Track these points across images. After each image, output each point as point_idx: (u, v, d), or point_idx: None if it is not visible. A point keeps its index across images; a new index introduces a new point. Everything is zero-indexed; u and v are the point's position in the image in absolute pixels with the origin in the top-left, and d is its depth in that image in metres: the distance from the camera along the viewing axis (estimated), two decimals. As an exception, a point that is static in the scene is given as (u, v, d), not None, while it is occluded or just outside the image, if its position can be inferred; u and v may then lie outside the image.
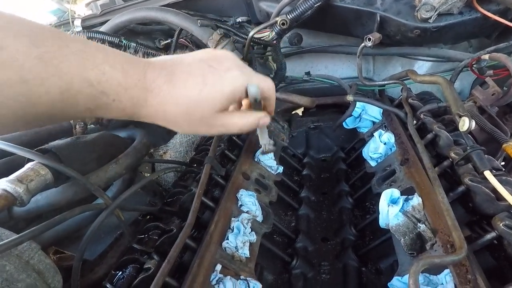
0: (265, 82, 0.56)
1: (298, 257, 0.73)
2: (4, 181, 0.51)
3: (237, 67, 0.53)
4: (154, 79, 0.46)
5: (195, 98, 0.49)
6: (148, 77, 0.46)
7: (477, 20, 0.88)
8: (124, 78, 0.43)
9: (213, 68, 0.50)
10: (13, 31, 0.36)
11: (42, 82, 0.37)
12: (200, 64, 0.50)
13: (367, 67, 1.32)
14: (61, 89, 0.38)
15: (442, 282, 0.50)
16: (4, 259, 0.46)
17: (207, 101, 0.50)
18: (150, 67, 0.47)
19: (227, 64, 0.52)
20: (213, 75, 0.50)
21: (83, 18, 1.31)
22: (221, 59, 0.52)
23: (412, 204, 0.61)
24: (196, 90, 0.48)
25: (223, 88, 0.50)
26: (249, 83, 0.54)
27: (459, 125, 0.59)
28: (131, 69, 0.44)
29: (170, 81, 0.47)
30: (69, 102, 0.40)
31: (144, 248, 0.59)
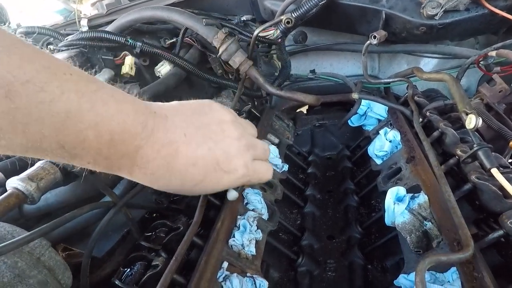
0: (259, 175, 0.56)
1: (303, 254, 0.73)
2: (15, 179, 0.52)
3: (244, 166, 0.51)
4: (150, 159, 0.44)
5: (189, 189, 0.50)
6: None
7: (484, 17, 0.87)
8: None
9: (218, 167, 0.49)
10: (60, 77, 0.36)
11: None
12: (204, 161, 0.48)
13: (372, 64, 1.31)
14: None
15: (449, 279, 0.50)
16: (16, 256, 0.47)
17: (200, 191, 0.54)
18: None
19: (234, 164, 0.50)
20: (215, 172, 0.49)
21: (89, 18, 1.32)
22: (229, 159, 0.50)
23: (418, 202, 0.61)
24: (196, 179, 0.48)
25: (220, 186, 0.52)
26: (229, 190, 0.56)
27: (466, 123, 0.59)
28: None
29: (169, 166, 0.45)
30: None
31: (151, 245, 0.60)
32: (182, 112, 0.49)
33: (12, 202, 0.51)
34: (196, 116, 0.49)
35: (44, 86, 0.34)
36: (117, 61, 1.10)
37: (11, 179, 0.53)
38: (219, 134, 0.49)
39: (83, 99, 0.36)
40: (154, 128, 0.43)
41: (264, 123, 0.97)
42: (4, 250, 0.44)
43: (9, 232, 0.51)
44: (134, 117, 0.41)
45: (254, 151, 0.54)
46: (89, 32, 1.06)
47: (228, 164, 0.49)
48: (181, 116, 0.48)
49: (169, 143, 0.45)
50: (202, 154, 0.47)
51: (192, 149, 0.46)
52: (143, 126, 0.42)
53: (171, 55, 1.06)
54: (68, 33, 1.19)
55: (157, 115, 0.45)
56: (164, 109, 0.47)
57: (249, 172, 0.52)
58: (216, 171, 0.49)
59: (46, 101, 0.34)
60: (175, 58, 1.06)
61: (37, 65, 0.34)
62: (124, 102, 0.41)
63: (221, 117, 0.52)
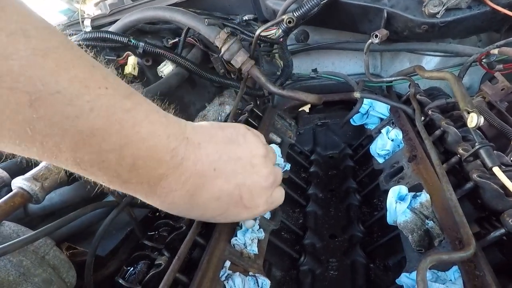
0: (275, 203, 0.55)
1: (306, 253, 0.73)
2: (20, 179, 0.53)
3: (265, 203, 0.51)
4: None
5: (206, 219, 0.51)
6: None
7: (486, 14, 0.87)
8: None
9: (241, 203, 0.48)
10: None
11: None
12: (229, 196, 0.46)
13: (374, 63, 1.31)
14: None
15: (451, 278, 0.50)
16: (21, 255, 0.48)
17: (217, 221, 0.53)
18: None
19: (257, 202, 0.50)
20: (236, 207, 0.48)
21: (93, 18, 1.33)
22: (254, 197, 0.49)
23: (420, 200, 0.61)
24: (216, 212, 0.48)
25: (239, 219, 0.53)
26: (246, 220, 0.56)
27: (467, 121, 0.59)
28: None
29: (192, 198, 0.44)
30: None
31: (154, 244, 0.61)
32: (216, 139, 0.46)
33: (18, 201, 0.51)
34: (229, 147, 0.46)
35: (74, 99, 0.31)
36: (120, 61, 1.10)
37: (17, 178, 0.54)
38: (249, 169, 0.48)
39: (112, 118, 0.33)
40: (184, 157, 0.40)
41: (266, 122, 0.97)
42: (10, 249, 0.45)
43: (14, 231, 0.52)
44: (166, 142, 0.38)
45: (275, 184, 0.53)
46: (92, 33, 1.06)
47: (251, 201, 0.49)
48: (214, 145, 0.45)
49: (197, 176, 0.42)
50: (228, 190, 0.45)
51: (219, 184, 0.44)
52: (172, 155, 0.39)
53: (173, 55, 1.07)
54: (71, 33, 1.20)
55: (189, 141, 0.41)
56: (198, 134, 0.43)
57: (268, 206, 0.53)
58: (237, 206, 0.48)
59: (72, 116, 0.31)
60: (178, 58, 1.07)
61: (72, 74, 0.31)
62: (158, 124, 0.38)
63: (254, 151, 0.49)
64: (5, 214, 0.49)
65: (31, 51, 0.28)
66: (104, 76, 0.34)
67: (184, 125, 0.43)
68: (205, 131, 0.45)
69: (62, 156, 0.33)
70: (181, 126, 0.42)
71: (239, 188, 0.46)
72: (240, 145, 0.48)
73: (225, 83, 1.14)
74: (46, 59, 0.29)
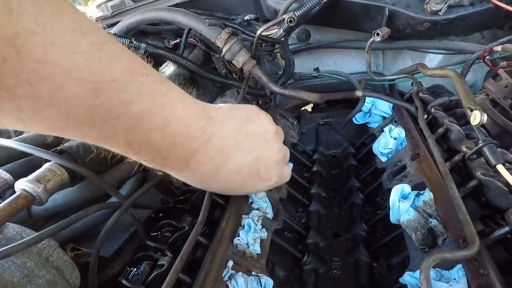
0: (284, 178, 0.62)
1: (309, 253, 0.73)
2: (23, 181, 0.53)
3: (278, 175, 0.57)
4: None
5: (228, 190, 0.57)
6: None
7: (489, 11, 0.86)
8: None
9: (258, 175, 0.53)
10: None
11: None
12: (248, 169, 0.52)
13: (376, 61, 1.30)
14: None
15: (455, 277, 0.49)
16: (25, 256, 0.49)
17: (237, 193, 0.61)
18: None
19: (271, 174, 0.55)
20: (254, 179, 0.54)
21: (95, 20, 1.33)
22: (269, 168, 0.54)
23: (424, 199, 0.61)
24: (237, 183, 0.53)
25: (255, 190, 0.59)
26: (256, 193, 0.63)
27: (471, 119, 0.58)
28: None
29: (218, 170, 0.48)
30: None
31: (157, 245, 0.61)
32: (235, 118, 0.51)
33: (21, 203, 0.52)
34: (247, 124, 0.52)
35: (126, 86, 0.35)
36: (122, 63, 1.11)
37: (20, 180, 0.54)
38: (264, 145, 0.53)
39: (156, 101, 0.38)
40: (212, 133, 0.45)
41: (268, 122, 0.96)
42: (14, 251, 0.45)
43: (18, 233, 0.52)
44: (196, 121, 0.43)
45: (285, 160, 0.59)
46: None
47: (266, 173, 0.54)
48: (234, 123, 0.50)
49: (222, 150, 0.47)
50: (247, 163, 0.50)
51: (240, 157, 0.49)
52: (202, 131, 0.44)
53: (175, 55, 1.07)
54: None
55: (214, 120, 0.46)
56: (220, 113, 0.49)
57: (279, 180, 0.58)
58: (255, 178, 0.53)
59: (126, 101, 0.35)
60: (179, 58, 1.07)
61: (123, 64, 0.35)
62: (189, 105, 0.43)
63: (267, 128, 0.55)
64: (8, 216, 0.50)
65: (90, 45, 0.32)
66: (143, 65, 0.38)
67: (208, 106, 0.48)
68: (225, 111, 0.50)
69: (116, 138, 0.37)
70: (205, 107, 0.47)
71: (256, 161, 0.51)
72: (255, 122, 0.53)
73: (227, 83, 1.14)
74: (101, 52, 0.33)
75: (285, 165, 0.60)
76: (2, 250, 0.44)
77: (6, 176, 0.60)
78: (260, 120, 0.55)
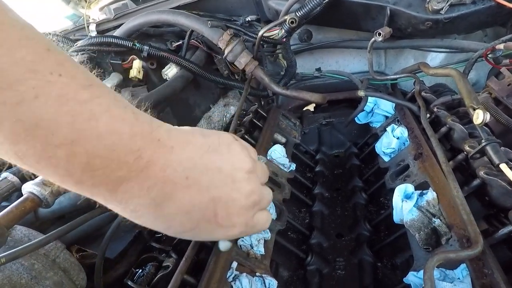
0: (257, 228, 0.49)
1: (313, 253, 0.73)
2: (30, 184, 0.54)
3: (243, 224, 0.45)
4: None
5: (175, 234, 0.44)
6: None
7: (491, 9, 0.86)
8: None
9: (214, 220, 0.42)
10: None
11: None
12: (201, 211, 0.41)
13: (378, 60, 1.30)
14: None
15: (459, 276, 0.49)
16: (32, 258, 0.49)
17: (189, 238, 0.49)
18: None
19: (233, 221, 0.44)
20: (208, 224, 0.43)
21: (98, 23, 1.34)
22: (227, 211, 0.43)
23: (427, 199, 0.61)
24: (185, 227, 0.42)
25: (213, 238, 0.48)
26: (221, 241, 0.51)
27: (473, 118, 0.58)
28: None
29: (157, 208, 0.38)
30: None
31: (162, 246, 0.61)
32: (194, 146, 0.41)
33: (28, 206, 0.52)
34: (209, 156, 0.41)
35: (15, 83, 0.27)
36: (125, 65, 1.12)
37: (27, 183, 0.55)
38: (228, 184, 0.42)
39: (63, 109, 0.30)
40: (150, 160, 0.35)
41: (270, 123, 0.97)
42: (22, 253, 0.46)
43: (25, 235, 0.53)
44: (128, 142, 0.34)
45: (259, 206, 0.47)
46: (98, 38, 1.08)
47: (226, 220, 0.43)
48: (190, 151, 0.40)
49: (164, 183, 0.37)
50: (200, 203, 0.40)
51: (190, 196, 0.39)
52: (136, 156, 0.34)
53: (177, 57, 1.07)
54: (77, 39, 1.21)
55: (160, 144, 0.37)
56: (173, 137, 0.39)
57: (247, 229, 0.47)
58: (210, 223, 0.42)
59: (10, 103, 0.27)
60: (182, 60, 1.07)
61: (17, 56, 0.28)
62: (122, 120, 0.34)
63: (237, 164, 0.44)
64: (16, 218, 0.50)
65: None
66: (60, 62, 0.31)
67: (157, 126, 0.38)
68: (182, 135, 0.41)
69: (1, 148, 0.30)
70: (153, 126, 0.37)
71: (213, 202, 0.41)
72: (222, 155, 0.43)
73: (229, 84, 1.15)
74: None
75: (259, 211, 0.48)
76: (10, 253, 0.44)
77: (13, 179, 0.61)
78: (230, 153, 0.44)
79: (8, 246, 0.50)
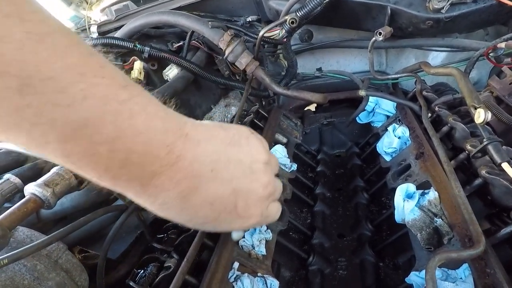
0: (270, 218, 0.51)
1: (314, 253, 0.73)
2: (32, 185, 0.54)
3: (260, 214, 0.47)
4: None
5: (195, 225, 0.46)
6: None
7: (492, 8, 0.85)
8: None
9: (234, 211, 0.44)
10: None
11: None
12: (223, 202, 0.43)
13: (379, 60, 1.30)
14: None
15: (461, 276, 0.49)
16: (35, 259, 0.49)
17: (206, 229, 0.51)
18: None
19: (251, 212, 0.46)
20: (229, 215, 0.45)
21: (99, 24, 1.35)
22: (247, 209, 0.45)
23: (428, 198, 0.61)
24: (208, 218, 0.44)
25: (230, 228, 0.50)
26: (234, 230, 0.53)
27: (475, 117, 0.58)
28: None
29: (184, 200, 0.40)
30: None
31: (163, 247, 0.61)
32: (217, 139, 0.43)
33: (30, 207, 0.53)
34: (230, 148, 0.44)
35: (67, 87, 0.29)
36: (126, 66, 1.12)
37: (29, 185, 0.55)
38: (248, 175, 0.45)
39: (107, 108, 0.32)
40: (180, 155, 0.37)
41: (271, 123, 0.97)
42: (24, 254, 0.46)
43: (27, 236, 0.53)
44: (162, 137, 0.36)
45: (273, 197, 0.50)
46: (99, 39, 1.08)
47: (244, 211, 0.45)
48: (215, 145, 0.42)
49: (192, 176, 0.39)
50: (223, 194, 0.42)
51: (215, 188, 0.41)
52: (168, 150, 0.36)
53: (178, 58, 1.07)
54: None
55: (188, 138, 0.39)
56: (199, 132, 0.41)
57: (262, 220, 0.49)
58: (230, 214, 0.44)
59: (63, 105, 0.29)
60: (182, 61, 1.08)
61: (67, 61, 0.30)
62: (156, 117, 0.36)
63: (256, 156, 0.46)
64: (19, 219, 0.51)
65: (25, 34, 0.27)
66: (101, 65, 0.33)
67: (184, 122, 0.40)
68: (206, 130, 0.42)
69: (49, 147, 0.32)
70: (181, 121, 0.40)
71: (235, 193, 0.43)
72: (242, 147, 0.45)
73: (230, 85, 1.15)
74: (41, 44, 0.28)
75: (272, 202, 0.50)
76: (13, 254, 0.45)
77: (15, 181, 0.61)
78: (249, 146, 0.46)
79: (11, 247, 0.50)
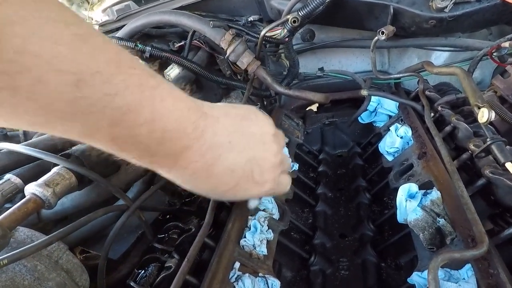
0: (282, 187, 0.57)
1: (316, 253, 0.73)
2: (33, 185, 0.54)
3: (273, 180, 0.53)
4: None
5: (218, 193, 0.51)
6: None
7: (496, 7, 0.85)
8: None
9: (251, 178, 0.50)
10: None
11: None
12: (241, 170, 0.48)
13: (382, 59, 1.29)
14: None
15: (464, 277, 0.49)
16: (35, 259, 0.49)
17: (227, 197, 0.57)
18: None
19: (266, 178, 0.51)
20: (247, 182, 0.50)
21: (100, 24, 1.35)
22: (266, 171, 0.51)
23: (431, 198, 0.60)
24: (228, 185, 0.49)
25: (247, 195, 0.54)
26: (250, 200, 0.59)
27: (478, 117, 0.57)
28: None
29: (209, 169, 0.46)
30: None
31: (164, 247, 0.61)
32: (231, 115, 0.49)
33: (31, 207, 0.53)
34: (243, 122, 0.50)
35: (111, 78, 0.34)
36: (128, 66, 1.12)
37: (29, 185, 0.55)
38: (260, 146, 0.51)
39: (144, 95, 0.37)
40: (204, 129, 0.43)
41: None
42: (24, 254, 0.46)
43: (28, 236, 0.53)
44: (187, 115, 0.42)
45: (283, 166, 0.56)
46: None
47: (260, 177, 0.50)
48: (229, 120, 0.48)
49: (215, 147, 0.45)
50: (240, 163, 0.48)
51: (233, 156, 0.47)
52: (194, 127, 0.42)
53: (179, 58, 1.07)
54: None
55: (208, 115, 0.45)
56: (215, 110, 0.47)
57: (275, 186, 0.54)
58: (248, 181, 0.50)
59: (111, 94, 0.34)
60: (184, 61, 1.07)
61: (108, 56, 0.34)
62: (180, 99, 0.42)
63: (265, 128, 0.53)
64: (19, 220, 0.51)
65: (73, 36, 0.32)
66: (131, 58, 0.38)
67: (201, 103, 0.46)
68: (220, 108, 0.49)
69: (101, 133, 0.36)
70: (199, 103, 0.46)
71: (250, 162, 0.49)
72: (253, 121, 0.51)
73: (232, 85, 1.14)
74: (85, 43, 0.32)
75: (283, 173, 0.56)
76: (13, 254, 0.44)
77: (16, 181, 0.61)
78: (258, 120, 0.53)
79: (11, 247, 0.50)
